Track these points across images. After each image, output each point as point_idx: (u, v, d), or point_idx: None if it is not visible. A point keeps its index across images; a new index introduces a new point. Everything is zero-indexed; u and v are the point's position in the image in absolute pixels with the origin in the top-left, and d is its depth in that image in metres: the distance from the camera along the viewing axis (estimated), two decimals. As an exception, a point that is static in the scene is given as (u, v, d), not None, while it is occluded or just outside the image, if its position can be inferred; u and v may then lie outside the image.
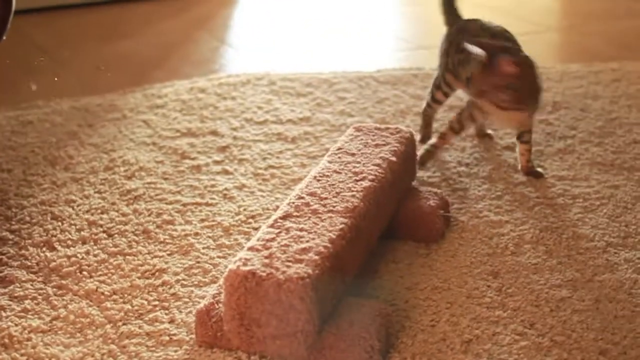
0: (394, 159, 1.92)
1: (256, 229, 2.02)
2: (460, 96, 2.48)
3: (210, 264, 1.90)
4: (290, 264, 1.51)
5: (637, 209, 2.10)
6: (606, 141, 2.47)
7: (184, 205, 2.15)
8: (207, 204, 2.15)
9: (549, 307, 1.72)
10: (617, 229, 2.01)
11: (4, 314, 1.73)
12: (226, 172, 2.31)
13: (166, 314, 1.73)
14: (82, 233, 2.03)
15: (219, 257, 1.92)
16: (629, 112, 2.69)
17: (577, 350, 1.60)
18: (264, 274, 1.49)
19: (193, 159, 2.40)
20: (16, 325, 1.70)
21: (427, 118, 2.51)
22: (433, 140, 2.32)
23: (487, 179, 2.26)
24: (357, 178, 1.81)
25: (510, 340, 1.63)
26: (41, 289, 1.82)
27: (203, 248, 1.96)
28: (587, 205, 2.12)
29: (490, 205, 2.12)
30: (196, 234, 2.02)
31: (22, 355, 1.62)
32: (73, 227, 2.06)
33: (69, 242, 2.00)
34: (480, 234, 2.00)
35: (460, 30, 2.34)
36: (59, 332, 1.68)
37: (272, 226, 1.65)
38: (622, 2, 4.19)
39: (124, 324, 1.70)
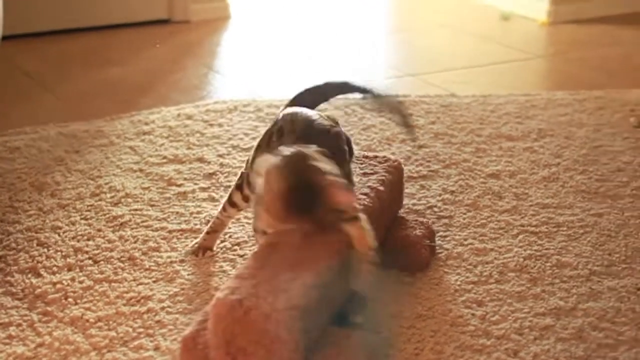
0: (382, 188, 1.93)
1: (242, 256, 2.03)
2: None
3: (195, 291, 1.90)
4: (277, 293, 1.51)
5: (620, 237, 2.11)
6: (590, 169, 2.48)
7: (170, 232, 2.16)
8: (192, 231, 2.15)
9: (533, 335, 1.73)
10: (600, 257, 2.02)
11: (-12, 341, 1.74)
12: (212, 199, 2.32)
13: (151, 341, 1.73)
14: (68, 260, 2.03)
15: (204, 284, 1.93)
16: (613, 140, 2.70)
17: (561, 379, 1.61)
18: (251, 304, 1.49)
19: (179, 185, 2.41)
20: (1, 352, 1.70)
21: (218, 223, 2.07)
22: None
23: (471, 207, 2.27)
24: (344, 206, 1.82)
25: (494, 368, 1.64)
26: (26, 315, 1.82)
27: (188, 275, 1.96)
28: (571, 233, 2.13)
29: (475, 232, 2.13)
30: (182, 261, 2.03)
31: (6, 382, 1.62)
32: (59, 253, 2.06)
33: (55, 269, 2.00)
34: (464, 261, 2.01)
35: (277, 120, 1.93)
36: (44, 359, 1.68)
37: (259, 255, 1.65)
38: (606, 29, 4.22)
39: (108, 351, 1.70)
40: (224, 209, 2.01)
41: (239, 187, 1.97)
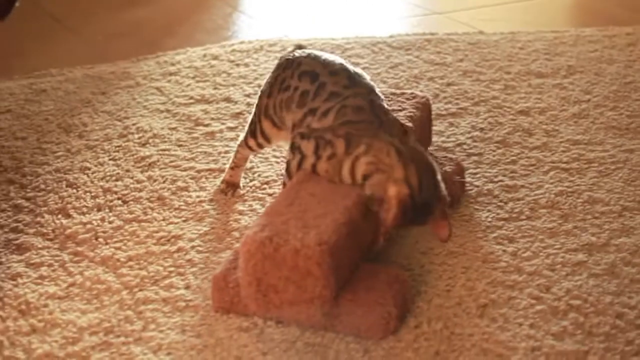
0: (410, 124, 1.91)
1: (271, 195, 2.02)
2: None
3: (225, 230, 1.90)
4: (307, 230, 1.51)
5: (653, 173, 2.10)
6: (621, 105, 2.46)
7: (198, 171, 2.15)
8: (221, 170, 2.15)
9: (565, 271, 1.72)
10: (632, 192, 2.01)
11: (20, 281, 1.74)
12: (240, 139, 2.31)
13: (182, 280, 1.74)
14: (97, 200, 2.04)
15: (234, 223, 1.93)
16: (644, 76, 2.67)
17: (594, 314, 1.60)
18: (281, 240, 1.49)
19: (207, 125, 2.40)
20: (33, 291, 1.71)
21: (240, 158, 2.06)
22: None
23: (501, 144, 2.25)
24: (372, 143, 1.81)
25: (526, 304, 1.63)
26: (57, 255, 1.83)
27: (218, 214, 1.96)
28: (603, 170, 2.11)
29: (505, 169, 2.12)
30: (211, 200, 2.02)
31: (39, 321, 1.63)
32: (88, 194, 2.06)
33: (84, 209, 2.00)
34: (495, 198, 2.00)
35: (290, 64, 1.91)
36: (76, 298, 1.69)
37: (288, 192, 1.65)
38: (636, -35, 4.16)
39: (140, 290, 1.71)
40: (241, 146, 2.02)
41: (253, 134, 1.96)
